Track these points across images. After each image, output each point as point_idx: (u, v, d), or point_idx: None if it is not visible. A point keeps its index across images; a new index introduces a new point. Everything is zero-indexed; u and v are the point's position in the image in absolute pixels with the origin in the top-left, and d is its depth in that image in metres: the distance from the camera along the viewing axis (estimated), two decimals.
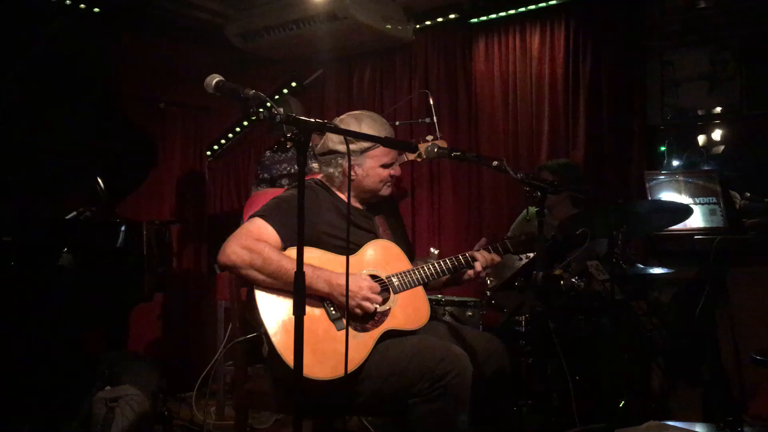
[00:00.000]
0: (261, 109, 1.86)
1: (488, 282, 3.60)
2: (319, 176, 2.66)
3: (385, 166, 2.54)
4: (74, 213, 3.67)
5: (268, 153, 4.55)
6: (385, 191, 2.60)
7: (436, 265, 2.52)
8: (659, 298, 3.84)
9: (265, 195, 4.10)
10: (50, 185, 3.89)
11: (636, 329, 3.29)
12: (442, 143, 3.83)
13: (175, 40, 5.08)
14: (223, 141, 5.69)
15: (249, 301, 2.37)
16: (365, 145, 2.47)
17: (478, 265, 2.53)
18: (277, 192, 4.09)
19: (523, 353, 3.32)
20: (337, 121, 2.57)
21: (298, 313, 1.83)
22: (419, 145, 3.39)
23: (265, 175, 4.50)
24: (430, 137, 3.95)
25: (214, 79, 1.88)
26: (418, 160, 4.03)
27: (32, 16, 4.12)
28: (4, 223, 3.30)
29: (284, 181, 4.37)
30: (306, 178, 2.60)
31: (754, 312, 3.32)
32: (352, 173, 2.52)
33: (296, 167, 4.22)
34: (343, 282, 2.28)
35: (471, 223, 4.74)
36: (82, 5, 4.41)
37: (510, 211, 4.45)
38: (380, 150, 2.51)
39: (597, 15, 4.26)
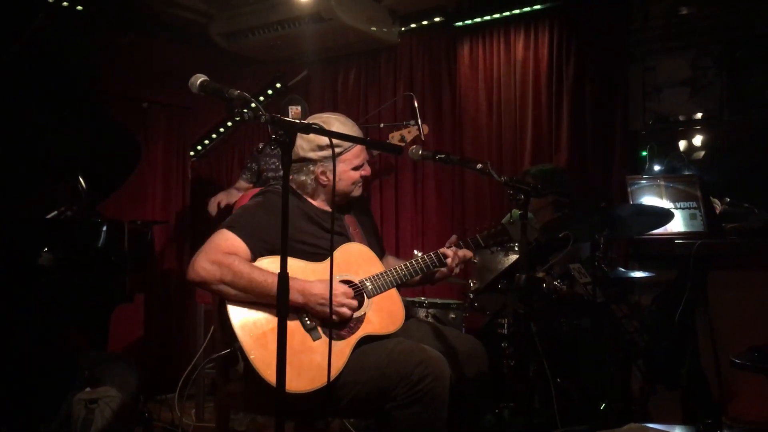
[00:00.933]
0: (246, 110, 1.85)
1: (471, 284, 3.61)
2: None
3: (356, 168, 2.53)
4: (55, 212, 3.64)
5: (261, 145, 4.56)
6: (357, 192, 2.60)
7: (408, 265, 2.51)
8: (640, 301, 3.87)
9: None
10: (31, 184, 3.84)
11: (617, 332, 3.31)
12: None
13: (159, 39, 5.05)
14: (206, 141, 5.67)
15: (221, 316, 2.33)
16: (336, 150, 2.45)
17: (450, 262, 2.52)
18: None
19: (506, 355, 3.34)
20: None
21: (282, 316, 1.81)
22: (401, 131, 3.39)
23: (253, 165, 4.51)
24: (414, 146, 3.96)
25: (199, 78, 1.87)
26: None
27: (14, 12, 4.07)
28: None
29: (271, 175, 4.37)
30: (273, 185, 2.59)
31: (733, 315, 3.36)
32: (324, 178, 2.52)
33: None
34: (317, 291, 2.28)
35: (454, 226, 4.75)
36: (65, 3, 4.38)
37: (493, 214, 4.47)
38: (351, 153, 2.50)
39: (581, 20, 4.29)
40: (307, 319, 2.31)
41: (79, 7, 4.45)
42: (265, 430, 3.93)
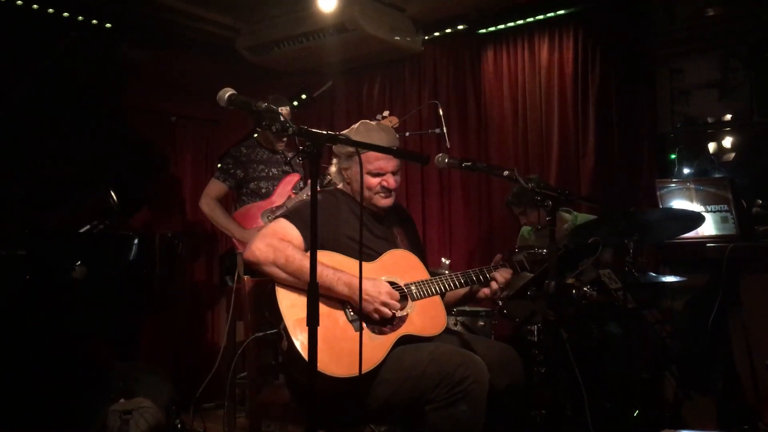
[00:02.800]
0: (273, 122, 1.88)
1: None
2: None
3: (371, 174, 2.56)
4: (88, 226, 3.70)
5: (243, 149, 4.26)
6: (378, 201, 2.60)
7: (455, 277, 2.54)
8: (672, 306, 3.83)
9: (256, 208, 4.13)
10: (64, 199, 3.93)
11: (649, 337, 3.28)
12: None
13: (185, 53, 5.13)
14: None
15: (270, 297, 2.42)
16: (352, 149, 2.51)
17: (494, 284, 2.52)
18: (263, 206, 4.08)
19: (536, 363, 3.32)
20: (347, 131, 2.62)
21: (312, 323, 1.84)
22: None
23: (239, 173, 4.19)
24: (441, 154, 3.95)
25: (227, 92, 1.90)
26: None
27: (45, 31, 4.17)
28: (19, 237, 3.34)
29: (262, 184, 4.18)
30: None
31: (767, 319, 3.31)
32: (346, 175, 2.63)
33: (273, 170, 4.20)
34: (365, 287, 2.32)
35: (482, 234, 4.74)
36: (95, 21, 4.47)
37: (520, 221, 4.45)
38: (365, 156, 2.52)
39: (605, 24, 4.27)
40: (351, 310, 2.38)
41: (108, 24, 4.54)
42: None
